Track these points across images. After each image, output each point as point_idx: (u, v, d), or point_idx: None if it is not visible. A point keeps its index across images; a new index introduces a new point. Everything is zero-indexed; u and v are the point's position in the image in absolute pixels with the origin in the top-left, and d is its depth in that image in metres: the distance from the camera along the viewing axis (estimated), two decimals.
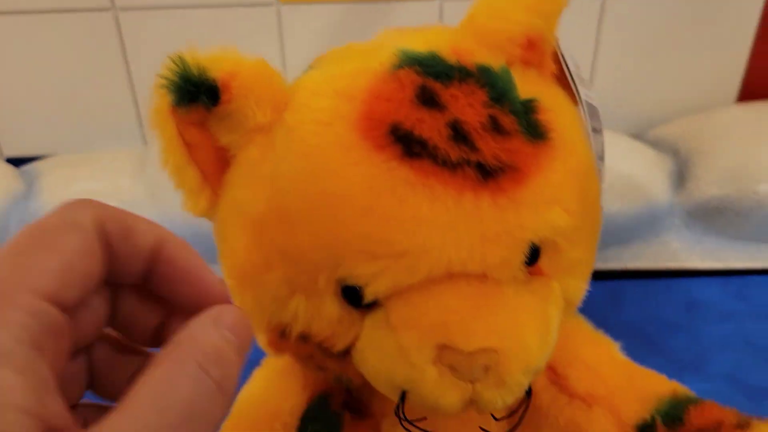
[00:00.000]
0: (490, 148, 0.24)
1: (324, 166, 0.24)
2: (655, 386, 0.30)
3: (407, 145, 0.23)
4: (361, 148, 0.24)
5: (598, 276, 0.66)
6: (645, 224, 0.65)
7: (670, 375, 0.33)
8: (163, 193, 0.64)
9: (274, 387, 0.32)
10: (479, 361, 0.23)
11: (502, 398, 0.24)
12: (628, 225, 0.64)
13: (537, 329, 0.25)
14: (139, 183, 0.65)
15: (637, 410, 0.29)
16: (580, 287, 0.28)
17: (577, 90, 0.29)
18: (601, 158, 0.32)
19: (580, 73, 0.32)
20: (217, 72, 0.25)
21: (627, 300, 0.61)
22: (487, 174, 0.24)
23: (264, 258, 0.26)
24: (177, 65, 0.25)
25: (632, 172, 0.66)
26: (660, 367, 0.34)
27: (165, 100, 0.25)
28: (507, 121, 0.24)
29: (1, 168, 0.68)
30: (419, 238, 0.23)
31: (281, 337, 0.27)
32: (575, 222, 0.26)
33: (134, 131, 0.29)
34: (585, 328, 0.33)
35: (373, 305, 0.25)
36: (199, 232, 0.37)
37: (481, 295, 0.24)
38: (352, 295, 0.25)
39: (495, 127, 0.24)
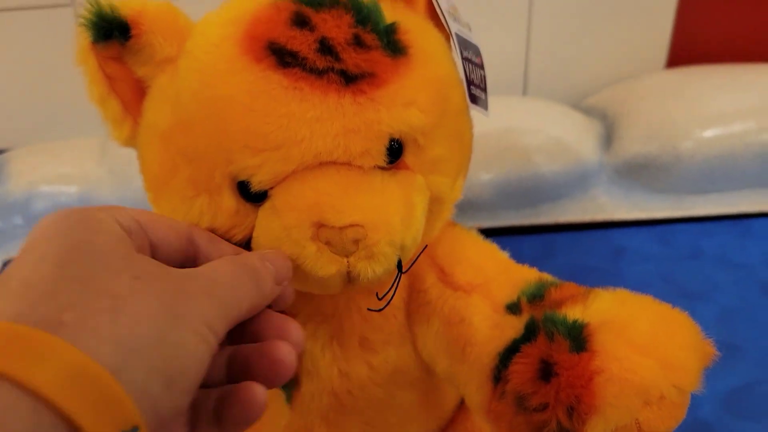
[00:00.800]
0: (352, 58, 0.28)
1: (214, 77, 0.28)
2: (526, 275, 0.34)
3: (281, 56, 0.28)
4: (243, 61, 0.28)
5: (532, 230, 0.71)
6: (575, 182, 0.69)
7: None
8: (123, 175, 0.68)
9: None
10: (349, 235, 0.28)
11: (373, 269, 0.28)
12: (559, 183, 0.68)
13: (400, 210, 0.29)
14: (102, 166, 0.70)
15: (509, 293, 0.32)
16: (445, 183, 0.32)
17: (447, 23, 0.34)
18: (479, 87, 0.37)
19: (457, 15, 0.37)
20: (126, 10, 0.30)
21: (558, 250, 0.65)
22: (349, 79, 0.28)
23: (171, 164, 0.30)
24: (92, 6, 0.30)
25: (563, 135, 0.70)
26: None
27: (85, 37, 0.30)
28: (369, 38, 0.29)
29: None
30: (291, 132, 0.27)
31: None
32: (432, 121, 0.30)
33: (95, 121, 0.34)
34: (473, 236, 0.37)
35: (263, 198, 0.29)
36: None
37: (348, 179, 0.28)
38: (245, 190, 0.29)
39: (358, 43, 0.29)
